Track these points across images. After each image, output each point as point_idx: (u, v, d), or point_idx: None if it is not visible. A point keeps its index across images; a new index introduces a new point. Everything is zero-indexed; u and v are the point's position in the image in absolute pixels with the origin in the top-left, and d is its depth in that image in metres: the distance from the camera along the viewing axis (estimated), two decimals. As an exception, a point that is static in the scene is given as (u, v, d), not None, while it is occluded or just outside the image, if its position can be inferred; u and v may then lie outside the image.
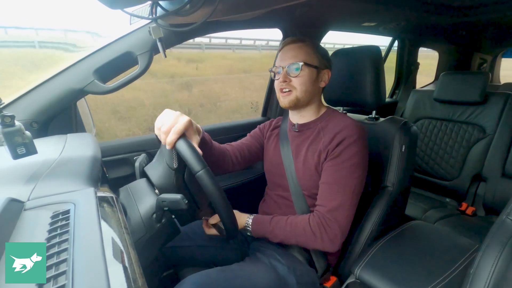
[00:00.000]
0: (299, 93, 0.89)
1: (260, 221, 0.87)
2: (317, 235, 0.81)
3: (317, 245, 0.82)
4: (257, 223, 0.87)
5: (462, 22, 1.79)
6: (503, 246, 0.59)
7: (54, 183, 0.54)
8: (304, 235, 0.82)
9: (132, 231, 0.65)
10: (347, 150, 0.83)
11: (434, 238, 0.99)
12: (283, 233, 0.84)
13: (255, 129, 1.13)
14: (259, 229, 0.87)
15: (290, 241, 0.85)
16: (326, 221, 0.81)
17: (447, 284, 0.77)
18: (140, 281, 0.37)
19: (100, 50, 1.01)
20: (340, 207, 0.81)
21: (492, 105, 1.62)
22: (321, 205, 0.83)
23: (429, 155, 1.79)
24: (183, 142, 0.66)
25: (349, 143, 0.83)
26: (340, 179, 0.82)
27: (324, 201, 0.83)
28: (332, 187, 0.83)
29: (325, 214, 0.81)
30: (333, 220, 0.80)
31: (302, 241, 0.83)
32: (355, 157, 0.83)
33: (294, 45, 0.90)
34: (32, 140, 0.56)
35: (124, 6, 0.72)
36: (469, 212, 1.60)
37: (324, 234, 0.80)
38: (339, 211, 0.81)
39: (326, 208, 0.82)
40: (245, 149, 1.04)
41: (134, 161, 0.87)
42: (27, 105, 0.93)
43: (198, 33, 1.20)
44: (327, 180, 0.84)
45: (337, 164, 0.83)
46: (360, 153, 0.84)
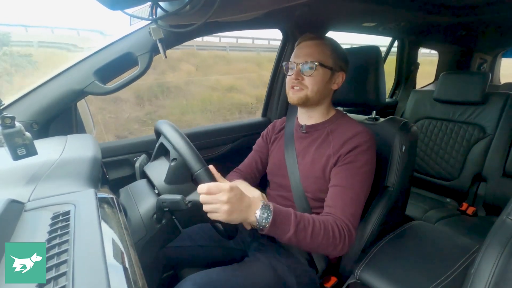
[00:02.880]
0: (309, 93, 0.87)
1: (280, 220, 0.70)
2: (342, 238, 0.74)
3: (337, 249, 0.74)
4: (277, 224, 0.69)
5: (461, 22, 1.79)
6: (503, 246, 0.59)
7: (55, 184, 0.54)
8: (329, 238, 0.73)
9: (133, 232, 0.65)
10: (360, 157, 0.82)
11: (435, 238, 0.99)
12: (307, 234, 0.71)
13: (258, 138, 1.13)
14: (277, 229, 0.70)
15: (312, 243, 0.72)
16: (347, 225, 0.76)
17: (448, 284, 0.77)
18: (140, 282, 0.37)
19: (101, 51, 1.01)
20: (354, 214, 0.79)
21: (492, 105, 1.61)
22: (339, 209, 0.78)
23: (429, 155, 1.79)
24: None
25: (362, 150, 0.82)
26: (353, 185, 0.80)
27: (340, 205, 0.79)
28: (347, 192, 0.80)
29: (344, 219, 0.77)
30: (352, 226, 0.77)
31: (325, 243, 0.73)
32: (367, 165, 0.83)
33: (311, 43, 0.88)
34: (33, 141, 0.57)
35: (124, 7, 0.72)
36: (469, 212, 1.60)
37: (347, 238, 0.75)
38: (354, 217, 0.78)
39: (345, 213, 0.77)
40: (254, 168, 1.07)
41: (134, 162, 0.87)
42: (28, 106, 0.93)
43: (198, 34, 1.20)
44: (341, 184, 0.81)
45: (350, 169, 0.82)
46: (371, 161, 0.84)
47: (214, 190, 0.63)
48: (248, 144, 1.51)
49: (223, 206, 0.62)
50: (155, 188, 0.73)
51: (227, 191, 0.62)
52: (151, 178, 0.75)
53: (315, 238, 0.71)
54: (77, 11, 8.13)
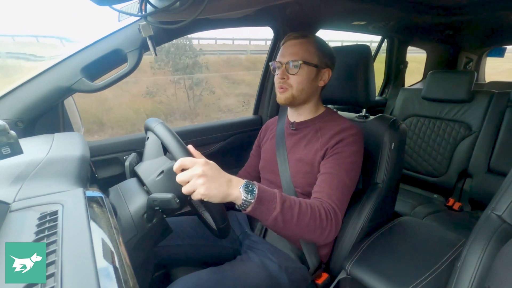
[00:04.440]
0: (295, 91, 0.88)
1: (265, 198, 0.66)
2: (328, 220, 0.72)
3: (325, 232, 0.72)
4: (262, 201, 0.65)
5: (448, 21, 1.82)
6: (488, 240, 0.61)
7: (41, 183, 0.53)
8: (316, 218, 0.70)
9: (123, 231, 0.64)
10: (346, 148, 0.83)
11: (423, 233, 1.01)
12: (294, 213, 0.68)
13: (255, 144, 1.15)
14: (261, 208, 0.66)
15: (299, 224, 0.69)
16: (334, 208, 0.75)
17: (436, 277, 0.79)
18: (131, 281, 0.37)
19: (88, 47, 0.99)
20: (341, 199, 0.78)
21: (478, 103, 1.66)
22: (325, 194, 0.78)
23: (418, 152, 1.83)
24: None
25: (349, 142, 0.84)
26: (340, 172, 0.81)
27: (326, 190, 0.78)
28: (333, 178, 0.80)
29: (330, 202, 0.76)
30: (338, 209, 0.76)
31: (313, 225, 0.70)
32: (353, 156, 0.84)
33: (295, 41, 0.89)
34: (18, 140, 0.55)
35: (112, 3, 0.70)
36: (456, 208, 1.64)
37: (333, 221, 0.73)
38: (340, 202, 0.78)
39: (331, 197, 0.77)
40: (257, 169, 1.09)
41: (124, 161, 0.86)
42: (12, 104, 0.90)
43: (188, 31, 1.19)
44: (328, 171, 0.82)
45: (337, 159, 0.83)
46: (357, 154, 0.85)
47: (188, 163, 0.60)
48: (239, 141, 1.52)
49: (198, 180, 0.58)
50: (146, 186, 0.72)
51: (201, 164, 0.60)
52: (141, 177, 0.74)
53: (302, 219, 0.68)
54: (39, 17, 7.91)
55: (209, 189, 0.59)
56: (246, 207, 0.64)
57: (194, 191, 0.60)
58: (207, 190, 0.59)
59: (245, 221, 1.06)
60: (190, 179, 0.59)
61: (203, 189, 0.59)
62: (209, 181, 0.59)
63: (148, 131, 0.80)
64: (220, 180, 0.61)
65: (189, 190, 0.60)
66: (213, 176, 0.60)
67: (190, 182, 0.59)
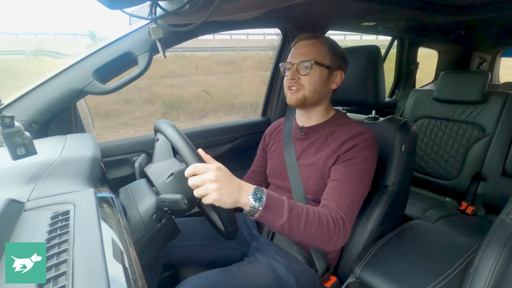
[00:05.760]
0: (307, 93, 0.86)
1: (272, 205, 0.67)
2: (336, 230, 0.72)
3: (332, 241, 0.71)
4: (269, 208, 0.66)
5: (461, 21, 1.79)
6: (503, 246, 0.60)
7: (54, 183, 0.54)
8: (324, 228, 0.70)
9: (132, 231, 0.65)
10: (359, 154, 0.81)
11: (434, 237, 0.99)
12: (301, 222, 0.68)
13: (259, 149, 1.14)
14: (269, 214, 0.66)
15: (305, 233, 0.69)
16: (342, 218, 0.74)
17: (447, 283, 0.77)
18: (140, 281, 0.37)
19: (100, 51, 1.01)
20: (350, 208, 0.77)
21: (492, 104, 1.62)
22: (334, 202, 0.77)
23: (429, 155, 1.79)
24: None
25: (361, 148, 0.82)
26: (351, 179, 0.79)
27: (336, 198, 0.77)
28: (344, 186, 0.79)
29: (339, 211, 0.75)
30: (347, 219, 0.75)
31: (320, 234, 0.70)
32: (366, 162, 0.82)
33: (307, 42, 0.87)
34: (32, 141, 0.57)
35: (123, 6, 0.72)
36: (469, 212, 1.60)
37: (341, 231, 0.72)
38: (350, 210, 0.77)
39: (340, 206, 0.76)
40: (264, 173, 1.09)
41: (133, 162, 0.87)
42: (27, 106, 0.93)
43: (197, 33, 1.20)
44: (338, 178, 0.80)
45: (348, 166, 0.81)
46: (371, 159, 0.83)
47: (200, 169, 0.61)
48: (247, 143, 1.52)
49: (211, 185, 0.59)
50: (155, 187, 0.73)
51: (214, 170, 0.60)
52: (151, 178, 0.75)
53: (308, 228, 0.68)
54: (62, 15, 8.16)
55: (221, 195, 0.60)
56: (254, 214, 0.65)
57: (206, 195, 0.60)
58: (219, 195, 0.60)
59: (253, 223, 1.06)
60: (202, 184, 0.60)
61: (216, 194, 0.60)
62: (221, 187, 0.60)
63: (158, 133, 0.80)
64: (231, 186, 0.62)
65: (202, 193, 0.61)
66: (225, 182, 0.61)
67: (203, 186, 0.60)
